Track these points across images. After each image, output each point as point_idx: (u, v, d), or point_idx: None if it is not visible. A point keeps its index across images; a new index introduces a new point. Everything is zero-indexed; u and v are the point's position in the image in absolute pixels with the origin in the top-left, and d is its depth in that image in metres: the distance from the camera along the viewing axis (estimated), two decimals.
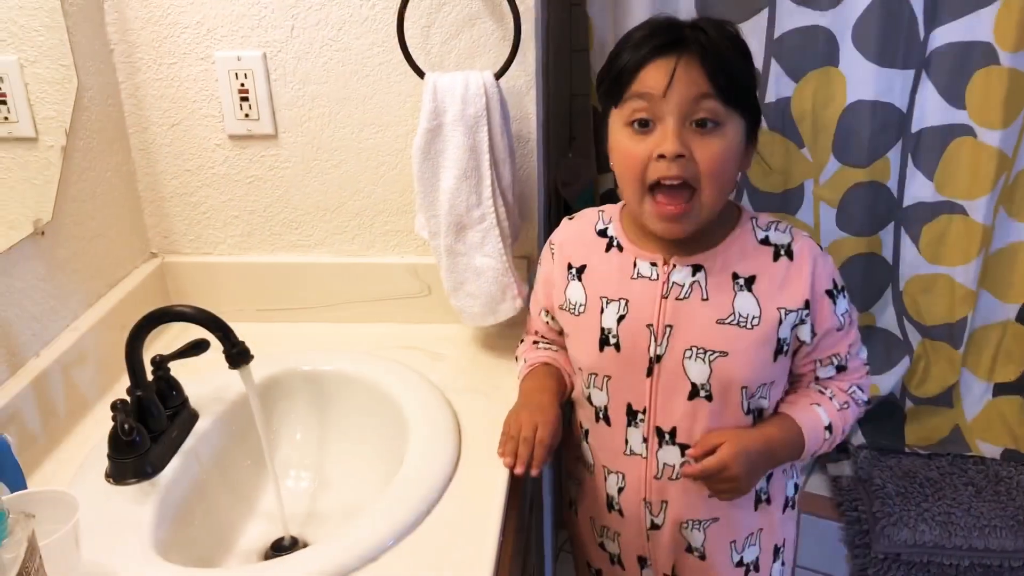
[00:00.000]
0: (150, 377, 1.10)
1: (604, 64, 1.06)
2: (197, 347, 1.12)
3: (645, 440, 1.10)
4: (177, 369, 1.14)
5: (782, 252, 1.06)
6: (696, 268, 1.06)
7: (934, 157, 1.54)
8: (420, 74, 1.23)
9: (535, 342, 1.25)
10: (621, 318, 1.08)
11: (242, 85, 1.32)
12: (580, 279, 1.13)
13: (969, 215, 1.55)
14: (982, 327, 1.65)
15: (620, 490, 1.15)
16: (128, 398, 1.07)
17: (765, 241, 1.06)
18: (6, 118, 1.15)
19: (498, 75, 1.22)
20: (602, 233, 1.14)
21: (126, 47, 1.31)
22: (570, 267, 1.14)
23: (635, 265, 1.09)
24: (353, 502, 1.17)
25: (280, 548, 1.13)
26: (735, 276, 1.05)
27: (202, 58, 1.31)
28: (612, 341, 1.09)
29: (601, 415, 1.13)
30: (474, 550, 0.94)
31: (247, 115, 1.33)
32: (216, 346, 1.08)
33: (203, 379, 1.21)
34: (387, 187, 1.38)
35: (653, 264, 1.08)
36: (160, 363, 1.12)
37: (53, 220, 1.19)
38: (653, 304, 1.07)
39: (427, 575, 0.92)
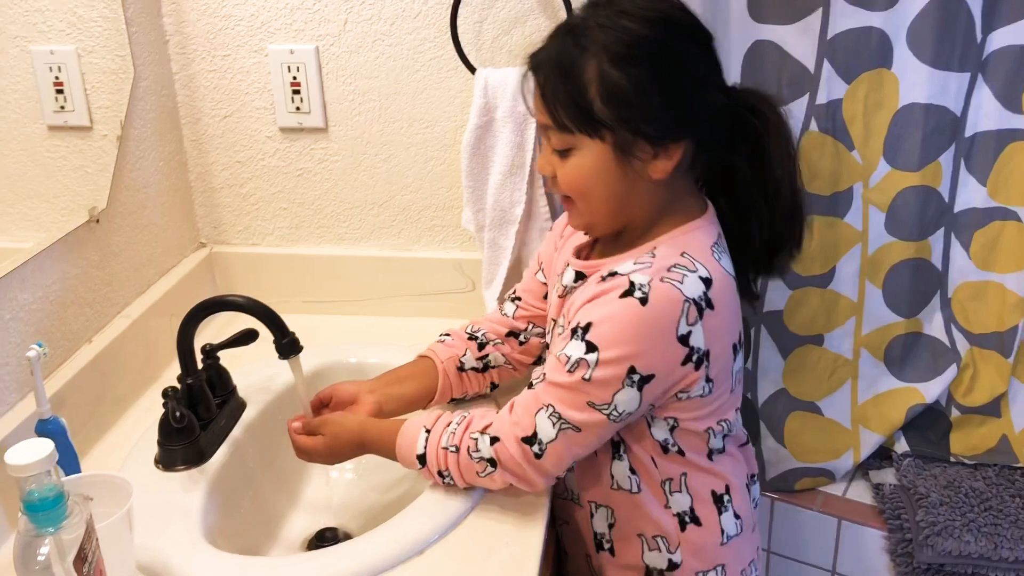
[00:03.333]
0: (200, 366, 1.11)
1: None
2: (246, 337, 1.13)
3: None
4: (225, 358, 1.15)
5: (605, 276, 0.95)
6: (579, 275, 1.03)
7: (988, 162, 1.51)
8: (472, 69, 1.23)
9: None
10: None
11: (294, 78, 1.33)
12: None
13: (1023, 222, 1.52)
14: None
15: None
16: (179, 386, 1.08)
17: (612, 274, 0.95)
18: (63, 107, 1.17)
19: None
20: None
21: (181, 38, 1.33)
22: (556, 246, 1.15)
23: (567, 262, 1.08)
24: (396, 495, 1.17)
25: (323, 539, 1.13)
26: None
27: (255, 50, 1.32)
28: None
29: None
30: (520, 545, 0.94)
31: (298, 108, 1.34)
32: (263, 336, 1.09)
33: (250, 369, 1.22)
34: (434, 182, 1.38)
35: (568, 263, 1.07)
36: (210, 352, 1.13)
37: (107, 208, 1.21)
38: (556, 299, 1.08)
39: (474, 567, 0.92)
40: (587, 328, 0.92)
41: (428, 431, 1.00)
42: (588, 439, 0.95)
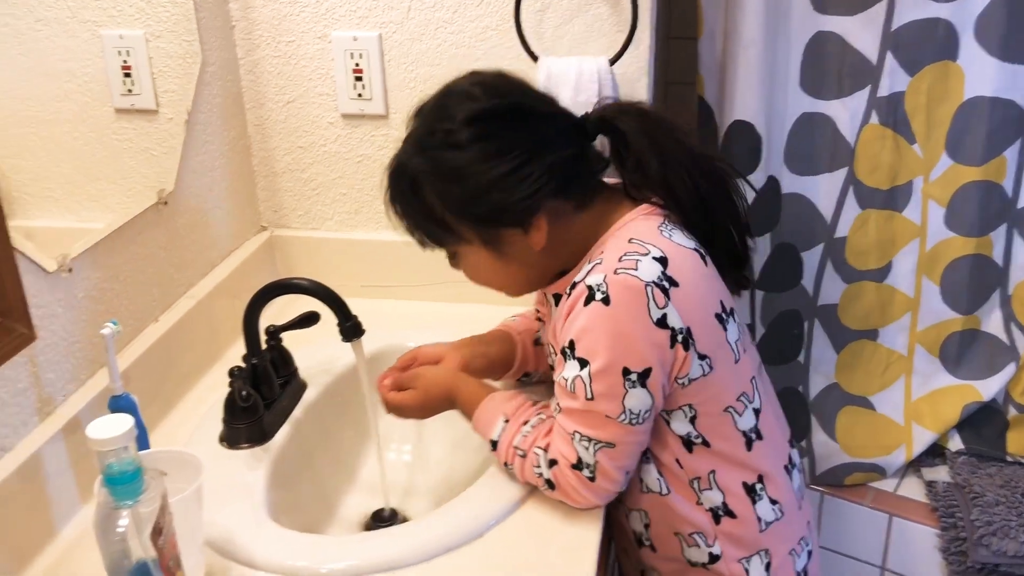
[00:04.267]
0: (263, 347, 1.13)
1: None
2: (309, 319, 1.15)
3: None
4: (286, 340, 1.17)
5: (570, 290, 0.96)
6: (557, 298, 1.03)
7: None
8: (534, 58, 1.24)
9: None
10: None
11: (357, 65, 1.34)
12: None
13: None
14: None
15: None
16: (244, 365, 1.10)
17: (574, 285, 0.96)
18: (130, 90, 1.19)
19: (613, 61, 1.21)
20: None
21: (247, 24, 1.35)
22: None
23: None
24: (452, 478, 1.18)
25: (380, 519, 1.15)
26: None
27: (319, 37, 1.34)
28: None
29: None
30: (578, 534, 0.95)
31: (360, 95, 1.36)
32: (322, 319, 1.11)
33: (310, 351, 1.24)
34: None
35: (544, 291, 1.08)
36: (274, 333, 1.15)
37: (175, 190, 1.23)
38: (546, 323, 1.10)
39: (534, 553, 0.93)
40: (572, 346, 0.93)
41: (507, 421, 1.00)
42: (626, 449, 0.95)
